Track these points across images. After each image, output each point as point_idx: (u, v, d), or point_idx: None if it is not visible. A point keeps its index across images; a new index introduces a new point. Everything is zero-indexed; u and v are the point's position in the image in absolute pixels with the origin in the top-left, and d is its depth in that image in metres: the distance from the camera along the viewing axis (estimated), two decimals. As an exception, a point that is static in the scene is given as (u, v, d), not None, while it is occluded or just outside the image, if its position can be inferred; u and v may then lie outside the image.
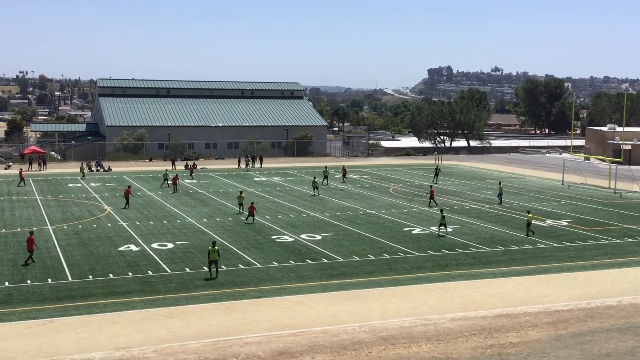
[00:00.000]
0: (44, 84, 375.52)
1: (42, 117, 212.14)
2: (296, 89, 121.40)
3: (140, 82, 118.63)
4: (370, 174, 73.51)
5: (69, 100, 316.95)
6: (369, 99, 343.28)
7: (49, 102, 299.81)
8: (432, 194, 51.54)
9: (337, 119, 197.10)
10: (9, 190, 56.81)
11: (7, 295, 27.07)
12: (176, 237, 38.45)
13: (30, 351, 21.10)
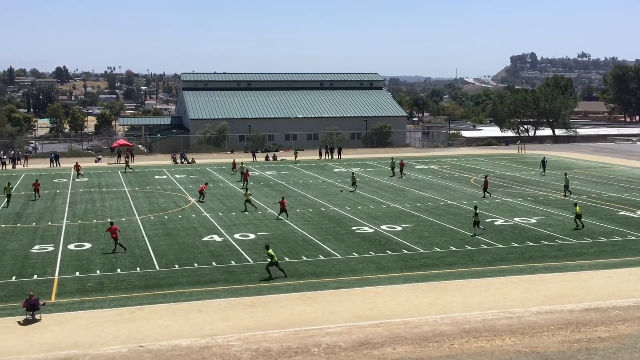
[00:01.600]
0: (130, 79, 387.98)
1: (129, 111, 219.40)
2: (375, 80, 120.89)
3: (222, 75, 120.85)
4: (451, 164, 72.50)
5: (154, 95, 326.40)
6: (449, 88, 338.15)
7: (136, 96, 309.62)
8: (485, 184, 50.37)
9: (416, 109, 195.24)
10: (99, 182, 59.10)
11: (98, 283, 28.22)
12: (257, 228, 39.07)
13: (121, 337, 21.94)
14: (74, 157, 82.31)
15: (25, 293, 25.17)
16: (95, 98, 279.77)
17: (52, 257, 32.44)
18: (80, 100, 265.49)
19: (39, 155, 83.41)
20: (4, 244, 35.05)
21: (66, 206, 46.60)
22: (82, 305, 25.27)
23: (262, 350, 20.71)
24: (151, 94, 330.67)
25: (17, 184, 57.76)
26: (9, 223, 40.65)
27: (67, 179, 61.31)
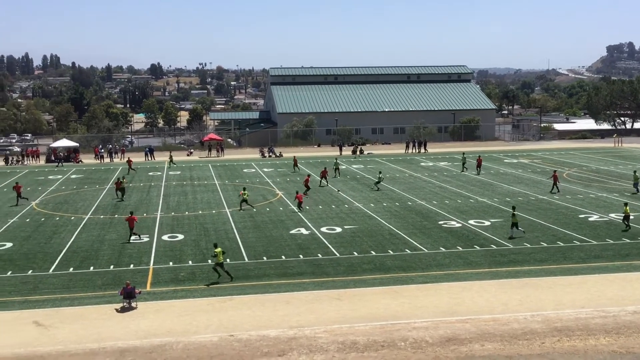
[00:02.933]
0: (221, 74, 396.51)
1: (220, 105, 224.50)
2: (463, 72, 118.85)
3: (309, 69, 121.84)
4: (542, 158, 70.48)
5: (243, 90, 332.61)
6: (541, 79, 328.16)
7: (226, 91, 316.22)
8: (555, 179, 48.47)
9: (506, 102, 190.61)
10: (191, 175, 60.85)
11: (190, 273, 29.13)
12: (344, 222, 39.26)
13: (212, 326, 22.60)
14: (167, 150, 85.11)
15: (123, 282, 26.28)
16: (187, 93, 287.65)
17: (147, 247, 33.71)
18: (173, 96, 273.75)
19: (135, 149, 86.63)
20: (103, 234, 36.68)
21: (160, 198, 48.25)
22: (175, 294, 26.17)
23: (348, 343, 20.86)
24: (240, 89, 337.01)
25: (114, 177, 60.23)
26: (107, 214, 42.49)
27: (161, 172, 63.44)
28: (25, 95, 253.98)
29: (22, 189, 48.22)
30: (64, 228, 38.35)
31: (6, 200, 47.85)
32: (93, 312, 24.22)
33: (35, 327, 22.81)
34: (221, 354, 20.06)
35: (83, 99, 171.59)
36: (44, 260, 31.32)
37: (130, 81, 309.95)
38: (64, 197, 49.60)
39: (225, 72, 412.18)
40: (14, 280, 28.12)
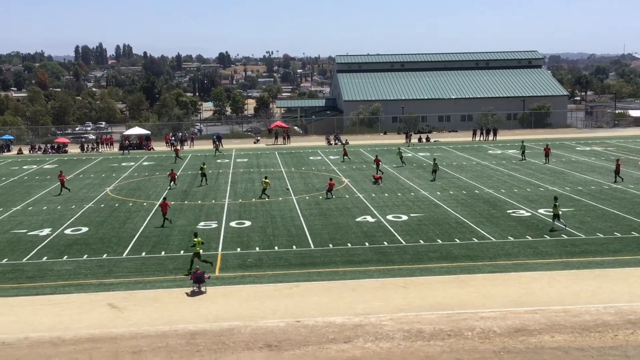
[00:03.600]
0: (287, 62, 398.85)
1: (286, 93, 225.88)
2: (534, 58, 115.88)
3: (375, 57, 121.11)
4: (617, 146, 68.21)
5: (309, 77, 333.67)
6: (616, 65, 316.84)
7: (292, 79, 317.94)
8: (617, 167, 46.58)
9: (579, 88, 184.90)
10: (258, 163, 61.58)
11: (257, 259, 29.57)
12: (410, 210, 39.05)
13: (279, 312, 22.92)
14: (235, 138, 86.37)
15: (193, 267, 26.91)
16: (254, 82, 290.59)
17: (215, 233, 34.38)
18: (241, 84, 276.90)
19: (204, 137, 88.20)
20: (173, 220, 37.57)
21: (228, 185, 49.04)
22: (243, 280, 26.63)
23: (414, 331, 20.81)
24: (306, 76, 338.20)
25: (184, 164, 61.56)
26: (177, 200, 43.49)
27: (229, 159, 64.42)
28: (100, 84, 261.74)
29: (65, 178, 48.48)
30: (136, 214, 39.48)
31: (82, 186, 49.55)
32: (164, 296, 24.91)
33: (109, 309, 23.64)
34: (288, 339, 20.33)
35: (154, 87, 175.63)
36: (118, 244, 32.36)
37: (200, 70, 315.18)
38: (136, 183, 51.01)
39: (291, 60, 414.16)
40: (89, 264, 29.17)
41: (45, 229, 35.84)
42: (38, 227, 36.21)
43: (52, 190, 48.18)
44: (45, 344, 20.44)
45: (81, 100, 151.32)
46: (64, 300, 24.57)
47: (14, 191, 48.20)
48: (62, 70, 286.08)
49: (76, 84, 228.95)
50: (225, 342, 20.19)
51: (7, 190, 48.56)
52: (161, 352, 19.58)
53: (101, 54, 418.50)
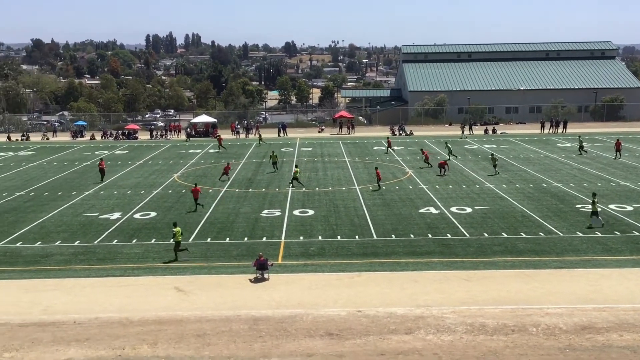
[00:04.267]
0: (352, 52, 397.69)
1: (351, 83, 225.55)
2: (607, 49, 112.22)
3: (442, 47, 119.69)
4: (695, 140, 65.51)
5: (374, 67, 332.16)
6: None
7: (357, 69, 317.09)
8: None
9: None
10: (322, 152, 61.79)
11: (320, 248, 29.74)
12: (475, 202, 38.52)
13: (340, 300, 23.03)
14: (300, 127, 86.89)
15: (256, 253, 27.29)
16: (319, 71, 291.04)
17: (279, 221, 34.74)
18: (306, 74, 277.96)
19: (269, 126, 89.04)
20: (238, 207, 38.15)
21: (292, 174, 49.37)
22: (305, 268, 26.85)
23: (477, 325, 20.58)
24: (372, 66, 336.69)
25: (249, 152, 62.31)
26: (242, 188, 44.11)
27: (294, 148, 64.87)
28: (169, 72, 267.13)
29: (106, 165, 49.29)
30: (202, 200, 40.20)
31: (151, 172, 50.80)
32: (228, 281, 25.37)
33: (175, 292, 24.24)
34: (349, 329, 20.42)
35: (221, 76, 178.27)
36: (184, 229, 32.97)
37: (266, 59, 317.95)
38: (202, 170, 51.95)
39: (357, 50, 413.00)
40: (157, 248, 29.94)
41: (115, 212, 36.95)
42: (109, 211, 37.35)
43: (122, 175, 49.58)
44: (114, 324, 21.13)
45: (151, 88, 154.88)
46: (132, 283, 25.32)
47: (87, 176, 49.82)
48: (133, 58, 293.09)
49: (146, 72, 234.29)
50: (287, 329, 20.44)
51: (80, 175, 50.23)
52: (224, 336, 19.97)
53: (171, 43, 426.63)
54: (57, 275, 26.35)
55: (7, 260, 28.33)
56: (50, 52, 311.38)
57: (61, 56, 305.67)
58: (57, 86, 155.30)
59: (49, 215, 36.47)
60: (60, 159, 59.00)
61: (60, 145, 69.92)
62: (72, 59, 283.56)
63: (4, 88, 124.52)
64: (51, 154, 62.34)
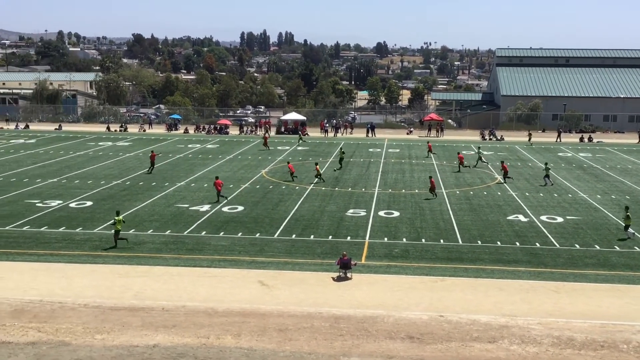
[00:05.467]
0: (445, 54, 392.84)
1: (442, 86, 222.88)
2: None
3: (538, 51, 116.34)
4: None
5: (466, 70, 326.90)
6: None
7: (449, 71, 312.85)
8: None
9: None
10: (410, 154, 61.38)
11: (404, 250, 29.58)
12: (566, 212, 37.32)
13: (422, 304, 22.85)
14: (388, 128, 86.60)
15: (339, 252, 27.41)
16: (410, 72, 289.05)
17: (364, 221, 34.76)
18: (397, 75, 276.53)
19: (357, 125, 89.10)
20: (324, 205, 38.42)
21: (378, 175, 49.32)
22: (388, 269, 26.77)
23: (564, 338, 19.96)
24: (464, 69, 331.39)
25: (337, 151, 62.57)
26: (328, 186, 44.39)
27: (381, 149, 64.73)
28: (261, 70, 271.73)
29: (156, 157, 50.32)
30: (288, 197, 40.76)
31: (240, 167, 51.86)
32: (311, 278, 25.61)
33: (259, 286, 24.68)
34: (430, 333, 20.23)
35: (312, 75, 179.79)
36: (270, 225, 33.62)
37: (357, 59, 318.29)
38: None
39: (449, 52, 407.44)
40: (243, 242, 30.56)
41: (205, 205, 37.95)
42: (199, 203, 38.41)
43: (212, 169, 50.86)
44: (200, 313, 21.73)
45: (243, 85, 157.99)
46: (218, 274, 25.96)
47: (179, 168, 51.40)
48: (227, 55, 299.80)
49: (240, 68, 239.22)
50: (367, 329, 20.45)
51: (173, 167, 51.88)
52: (306, 332, 20.18)
53: (264, 40, 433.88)
54: (148, 262, 27.34)
55: (103, 245, 29.62)
56: (149, 47, 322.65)
57: (160, 51, 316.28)
58: (155, 80, 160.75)
59: (142, 205, 37.87)
60: (155, 151, 61.08)
61: (155, 137, 72.41)
62: (170, 54, 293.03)
63: (106, 80, 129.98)
64: (147, 145, 64.64)
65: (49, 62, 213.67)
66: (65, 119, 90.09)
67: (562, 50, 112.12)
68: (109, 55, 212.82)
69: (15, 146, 62.92)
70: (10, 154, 57.37)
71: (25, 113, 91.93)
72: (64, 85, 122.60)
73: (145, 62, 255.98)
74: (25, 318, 21.06)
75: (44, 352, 18.48)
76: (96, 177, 46.65)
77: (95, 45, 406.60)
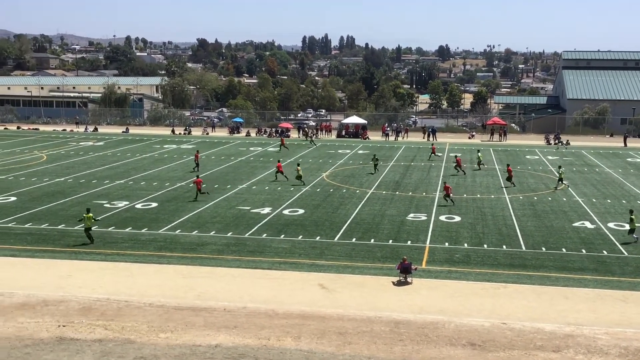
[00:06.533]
0: (508, 57, 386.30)
1: (505, 89, 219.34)
2: None
3: (606, 53, 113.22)
4: None
5: (531, 73, 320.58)
6: None
7: (512, 74, 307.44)
8: None
9: None
10: (472, 159, 60.54)
11: (465, 255, 29.21)
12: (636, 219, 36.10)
13: (484, 311, 22.51)
14: (449, 132, 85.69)
15: (400, 256, 27.27)
16: (472, 76, 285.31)
17: (424, 226, 34.50)
18: (459, 78, 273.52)
19: (418, 129, 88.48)
20: (384, 209, 38.30)
21: (439, 179, 48.85)
22: (449, 275, 26.49)
23: (632, 349, 19.35)
24: (528, 72, 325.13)
25: (398, 155, 62.34)
26: (389, 190, 44.23)
27: (442, 153, 64.07)
28: (322, 73, 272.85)
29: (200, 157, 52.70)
30: (349, 200, 40.79)
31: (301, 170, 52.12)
32: (371, 282, 25.57)
33: (319, 289, 24.78)
34: (492, 340, 19.91)
35: (373, 78, 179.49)
36: (331, 228, 33.71)
37: (418, 62, 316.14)
38: (350, 171, 52.64)
39: (513, 55, 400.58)
40: (304, 244, 30.74)
41: (266, 207, 38.34)
42: (260, 206, 38.83)
43: (274, 172, 51.31)
44: (260, 314, 21.97)
45: (304, 88, 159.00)
46: (279, 277, 26.19)
47: (241, 170, 52.08)
48: (289, 59, 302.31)
49: (301, 72, 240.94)
50: (428, 335, 20.28)
51: (234, 169, 52.61)
52: (365, 336, 20.16)
53: (326, 44, 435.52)
54: (210, 263, 27.80)
55: (167, 246, 30.27)
56: (213, 51, 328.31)
57: (223, 55, 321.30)
58: (218, 84, 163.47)
59: (205, 207, 38.52)
60: (218, 153, 62.09)
61: (218, 140, 73.58)
62: (233, 59, 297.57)
63: (171, 84, 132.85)
64: (210, 148, 65.75)
65: (117, 67, 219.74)
66: (132, 122, 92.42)
67: (632, 52, 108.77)
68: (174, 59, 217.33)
69: (84, 148, 64.94)
70: (79, 156, 59.25)
71: (94, 116, 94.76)
72: (131, 89, 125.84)
73: (209, 66, 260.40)
74: (92, 316, 21.71)
75: (110, 349, 19.00)
76: (161, 178, 47.72)
77: (161, 50, 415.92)
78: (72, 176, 48.40)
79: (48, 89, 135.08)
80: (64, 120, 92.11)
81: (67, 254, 28.86)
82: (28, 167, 52.07)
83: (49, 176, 48.06)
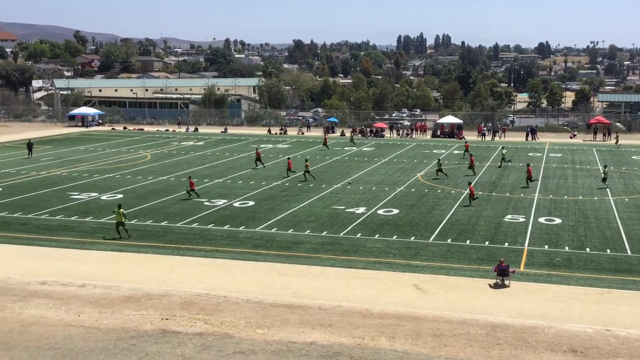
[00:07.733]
0: (613, 53, 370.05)
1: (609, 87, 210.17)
2: None
3: None
4: None
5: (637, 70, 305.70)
6: None
7: (617, 72, 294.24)
8: None
9: None
10: (573, 159, 58.52)
11: (566, 259, 28.27)
12: None
13: (587, 317, 21.73)
14: (549, 132, 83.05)
15: (496, 258, 26.71)
16: (574, 73, 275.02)
17: (522, 227, 33.62)
18: (560, 76, 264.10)
19: (516, 129, 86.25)
20: (480, 210, 37.61)
21: (539, 180, 47.43)
22: (549, 279, 25.72)
23: None
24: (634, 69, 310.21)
25: (494, 155, 61.00)
26: (485, 191, 43.38)
27: (542, 153, 62.23)
28: (417, 73, 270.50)
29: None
30: (444, 200, 40.30)
31: (395, 170, 51.97)
32: (467, 284, 25.18)
33: (414, 289, 24.64)
34: (595, 347, 19.21)
35: (469, 77, 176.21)
36: (425, 229, 33.43)
37: (516, 60, 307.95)
38: (445, 171, 51.93)
39: (618, 51, 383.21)
40: (398, 245, 30.63)
41: (360, 207, 38.44)
42: (354, 205, 38.97)
43: (368, 171, 51.42)
44: (355, 314, 22.08)
45: (399, 88, 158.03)
46: (373, 276, 26.22)
47: (336, 170, 52.43)
48: (384, 58, 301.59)
49: (396, 72, 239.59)
50: (527, 340, 19.79)
51: (329, 169, 53.02)
52: (461, 339, 19.89)
53: (421, 43, 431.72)
54: (306, 262, 28.16)
55: (264, 244, 30.91)
56: (309, 52, 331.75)
57: (318, 56, 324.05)
58: (313, 84, 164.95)
59: (300, 205, 39.04)
60: (313, 153, 62.74)
61: (313, 140, 74.33)
62: (328, 59, 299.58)
63: (267, 85, 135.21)
64: (305, 148, 66.54)
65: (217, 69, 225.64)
66: (230, 122, 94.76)
67: None
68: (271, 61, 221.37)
69: (185, 148, 67.16)
70: (181, 155, 61.33)
71: (195, 117, 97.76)
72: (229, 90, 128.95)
73: (305, 66, 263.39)
74: (193, 310, 22.47)
75: (209, 343, 19.61)
76: (258, 177, 48.71)
77: (259, 51, 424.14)
78: (174, 175, 50.16)
79: (152, 91, 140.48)
80: (166, 121, 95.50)
81: (170, 250, 29.99)
82: (134, 166, 54.39)
83: (153, 175, 50.02)
